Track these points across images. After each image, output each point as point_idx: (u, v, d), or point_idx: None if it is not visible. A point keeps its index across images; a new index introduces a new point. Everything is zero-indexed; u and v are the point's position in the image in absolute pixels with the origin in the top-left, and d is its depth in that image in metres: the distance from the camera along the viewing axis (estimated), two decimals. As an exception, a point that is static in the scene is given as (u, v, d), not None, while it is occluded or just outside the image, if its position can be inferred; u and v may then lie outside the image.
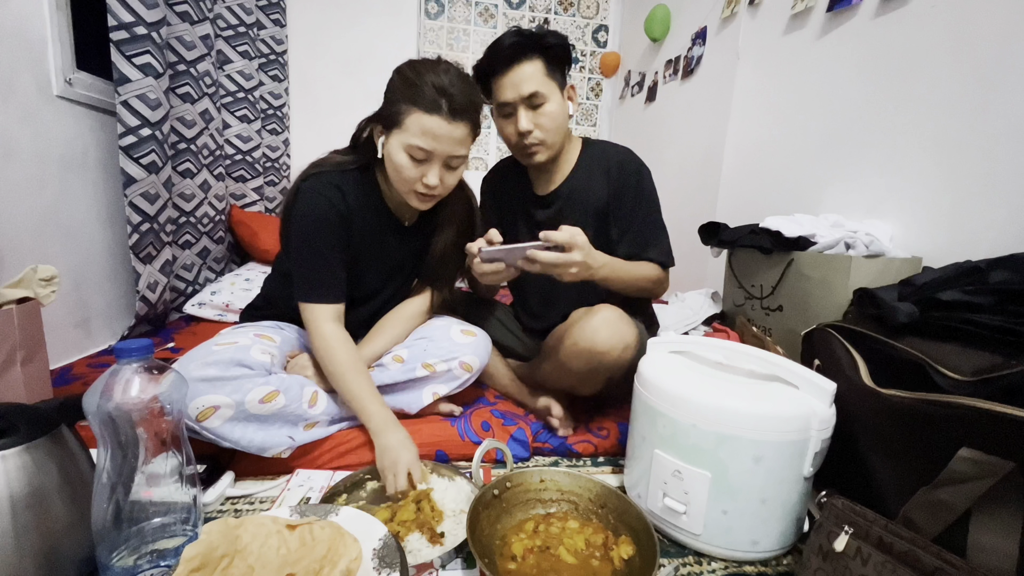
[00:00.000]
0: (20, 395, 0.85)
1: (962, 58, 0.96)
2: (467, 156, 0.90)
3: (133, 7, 1.30)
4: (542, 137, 1.01)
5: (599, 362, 0.92)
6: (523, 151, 1.04)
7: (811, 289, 1.03)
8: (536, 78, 0.98)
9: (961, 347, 0.65)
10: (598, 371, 0.94)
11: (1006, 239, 0.86)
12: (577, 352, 0.93)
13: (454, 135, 0.84)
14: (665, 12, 2.18)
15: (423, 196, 0.89)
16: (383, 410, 0.86)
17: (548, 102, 1.00)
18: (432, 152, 0.84)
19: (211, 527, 0.53)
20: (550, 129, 1.01)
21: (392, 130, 0.85)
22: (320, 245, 0.90)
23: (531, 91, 0.97)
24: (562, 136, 1.05)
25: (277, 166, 2.32)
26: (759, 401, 0.68)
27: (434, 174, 0.86)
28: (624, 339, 0.91)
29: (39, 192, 1.21)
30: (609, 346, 0.90)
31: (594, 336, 0.91)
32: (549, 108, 1.00)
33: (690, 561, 0.71)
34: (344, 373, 0.88)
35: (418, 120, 0.82)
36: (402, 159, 0.85)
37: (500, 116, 1.04)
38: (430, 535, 0.69)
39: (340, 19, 2.45)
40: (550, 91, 1.00)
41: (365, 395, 0.87)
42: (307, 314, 0.91)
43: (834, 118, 1.26)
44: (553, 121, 1.01)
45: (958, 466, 0.55)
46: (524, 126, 1.00)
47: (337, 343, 0.89)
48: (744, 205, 1.63)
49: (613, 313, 0.93)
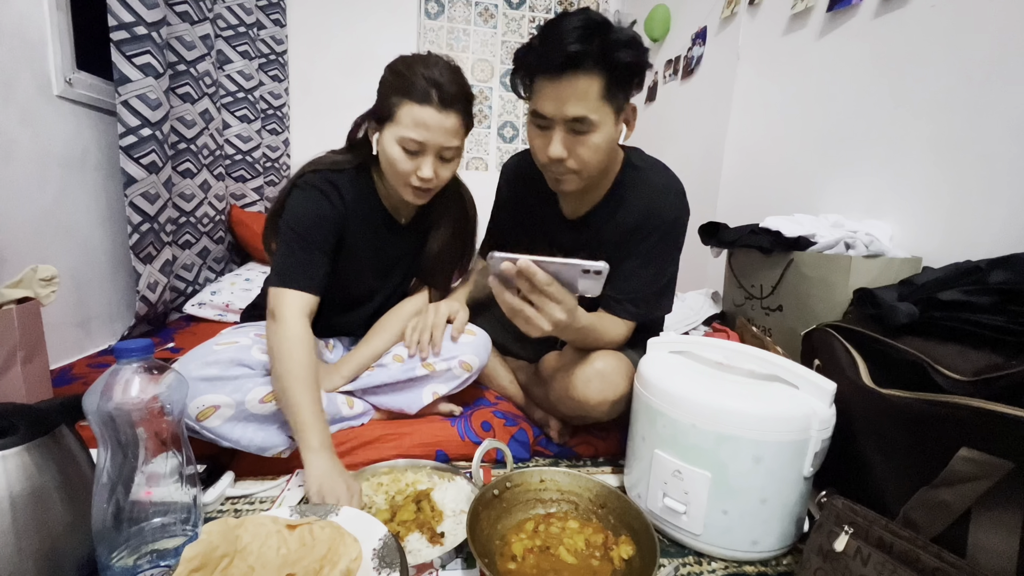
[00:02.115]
0: (20, 395, 0.85)
1: (962, 58, 0.96)
2: (460, 149, 0.89)
3: (133, 7, 1.30)
4: (576, 168, 0.83)
5: (588, 412, 0.90)
6: (550, 174, 0.88)
7: (811, 289, 1.03)
8: (588, 101, 0.77)
9: (961, 347, 0.65)
10: (587, 418, 0.93)
11: (1006, 239, 0.86)
12: (566, 399, 0.91)
13: (445, 125, 0.84)
14: (665, 12, 2.18)
15: (418, 190, 0.89)
16: (326, 431, 0.78)
17: (595, 132, 0.79)
18: (425, 144, 0.84)
19: (211, 527, 0.53)
20: (588, 161, 0.82)
21: (385, 124, 0.86)
22: (309, 235, 0.88)
23: (577, 115, 0.77)
24: (600, 170, 0.87)
25: (277, 166, 2.32)
26: (759, 401, 0.68)
27: (428, 166, 0.85)
28: (617, 391, 0.87)
29: (39, 192, 1.21)
30: (600, 399, 0.87)
31: (586, 388, 0.87)
32: (595, 139, 0.80)
33: (690, 561, 0.71)
34: (298, 378, 0.78)
35: (410, 111, 0.82)
36: (396, 152, 0.85)
37: (532, 124, 0.84)
38: (430, 535, 0.69)
39: (340, 19, 2.45)
40: (602, 118, 0.79)
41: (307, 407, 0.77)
42: (276, 300, 0.84)
43: (834, 118, 1.26)
44: (595, 154, 0.82)
45: (958, 466, 0.55)
46: (556, 152, 0.81)
47: (301, 343, 0.81)
48: (744, 205, 1.63)
49: (609, 364, 0.88)
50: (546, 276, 0.67)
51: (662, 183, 0.93)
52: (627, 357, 0.93)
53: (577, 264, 0.66)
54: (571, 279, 0.68)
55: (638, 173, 0.94)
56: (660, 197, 0.92)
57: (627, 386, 0.88)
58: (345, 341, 1.10)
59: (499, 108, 2.76)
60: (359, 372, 0.98)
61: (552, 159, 0.82)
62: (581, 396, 0.88)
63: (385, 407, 1.00)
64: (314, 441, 0.75)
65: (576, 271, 0.67)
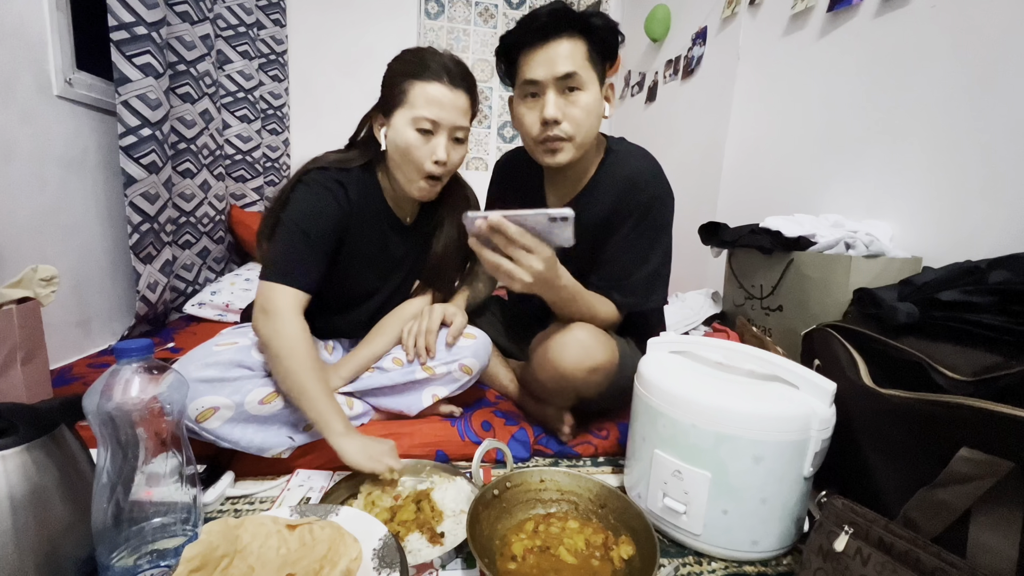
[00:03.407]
0: (20, 395, 0.85)
1: (962, 58, 0.96)
2: (469, 130, 0.92)
3: (133, 7, 1.30)
4: (571, 132, 0.85)
5: (564, 380, 0.89)
6: (544, 145, 0.88)
7: (811, 289, 1.03)
8: (575, 58, 0.83)
9: (961, 347, 0.65)
10: (564, 389, 0.92)
11: (1006, 239, 0.86)
12: (543, 366, 0.91)
13: (457, 103, 0.86)
14: (665, 12, 2.18)
15: (429, 179, 0.90)
16: (343, 413, 0.81)
17: (585, 91, 0.84)
18: (439, 122, 0.86)
19: (211, 527, 0.53)
20: (582, 123, 0.85)
21: (396, 110, 0.87)
22: (312, 232, 0.87)
23: (567, 70, 0.82)
24: (592, 138, 0.90)
25: (277, 166, 2.32)
26: (759, 401, 0.68)
27: (442, 147, 0.87)
28: (593, 361, 0.87)
29: (39, 192, 1.21)
30: (573, 366, 0.87)
31: (561, 354, 0.87)
32: (585, 99, 0.84)
33: (690, 561, 0.71)
34: (308, 369, 0.80)
35: (422, 90, 0.84)
36: (410, 136, 0.86)
37: (522, 100, 0.88)
38: (430, 535, 0.69)
39: (340, 19, 2.45)
40: (589, 79, 0.84)
41: (324, 397, 0.80)
42: (269, 295, 0.83)
43: (834, 118, 1.26)
44: (587, 115, 0.85)
45: (958, 466, 0.55)
46: (551, 112, 0.84)
47: (302, 337, 0.82)
48: (744, 205, 1.63)
49: (587, 334, 0.88)
50: (517, 228, 0.71)
51: (636, 166, 0.94)
52: (612, 336, 0.93)
53: (543, 212, 0.70)
54: (543, 231, 0.73)
55: (616, 158, 0.96)
56: (633, 180, 0.92)
57: (605, 357, 0.88)
58: (345, 343, 1.10)
59: (499, 108, 2.76)
60: (358, 373, 0.98)
61: (548, 120, 0.85)
62: (557, 361, 0.88)
63: (385, 408, 1.00)
64: (339, 426, 0.78)
65: (544, 219, 0.71)
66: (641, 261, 0.94)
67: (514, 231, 0.71)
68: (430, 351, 0.97)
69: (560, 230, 0.72)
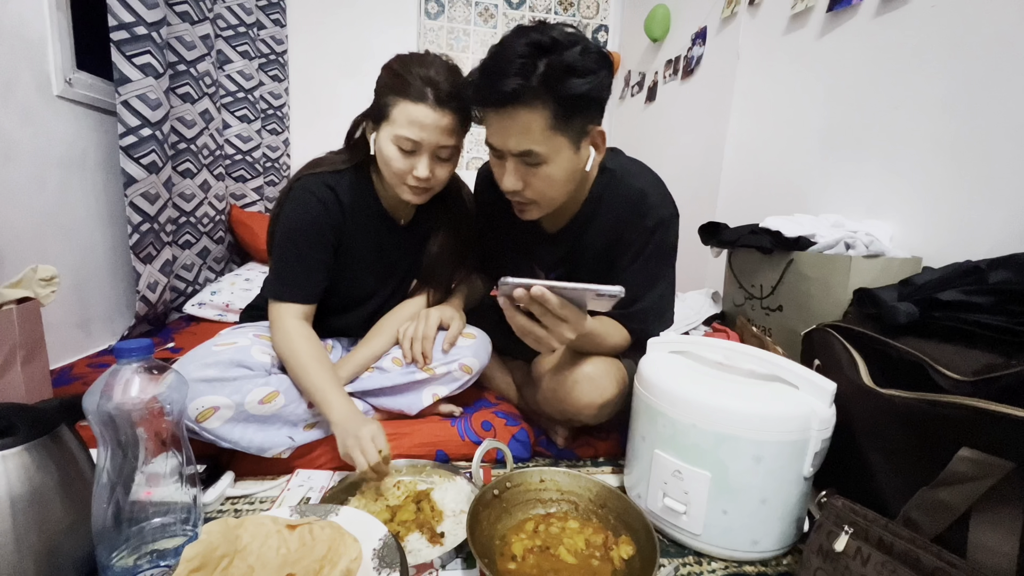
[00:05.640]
0: (20, 395, 0.85)
1: (962, 58, 0.95)
2: (458, 148, 0.88)
3: (133, 7, 1.30)
4: (533, 199, 0.81)
5: (575, 415, 0.89)
6: (512, 203, 0.86)
7: (811, 289, 1.03)
8: (532, 134, 0.73)
9: (961, 347, 0.65)
10: (572, 421, 0.92)
11: (1006, 239, 0.86)
12: (553, 401, 0.90)
13: (441, 124, 0.82)
14: (665, 12, 2.18)
15: (415, 189, 0.88)
16: (348, 402, 0.84)
17: (547, 164, 0.76)
18: (420, 143, 0.83)
19: (211, 527, 0.53)
20: (544, 192, 0.80)
21: (381, 123, 0.85)
22: (303, 245, 0.90)
23: (522, 149, 0.75)
24: (565, 196, 0.84)
25: (277, 166, 2.32)
26: (759, 401, 0.68)
27: (424, 166, 0.84)
28: (604, 396, 0.85)
29: (39, 192, 1.21)
30: (587, 403, 0.86)
31: (573, 391, 0.86)
32: (548, 171, 0.77)
33: (690, 561, 0.71)
34: (307, 364, 0.84)
35: (404, 110, 0.81)
36: (391, 151, 0.84)
37: (489, 151, 0.83)
38: (430, 535, 0.69)
39: (340, 19, 2.45)
40: (552, 150, 0.75)
41: (328, 386, 0.83)
42: (275, 313, 0.89)
43: (834, 118, 1.26)
44: (551, 186, 0.79)
45: (958, 466, 0.55)
46: (509, 185, 0.79)
47: (299, 336, 0.87)
48: (744, 205, 1.63)
49: (597, 368, 0.86)
50: (559, 300, 0.66)
51: (638, 187, 0.88)
52: (620, 362, 0.92)
53: (591, 288, 0.65)
54: (583, 300, 0.68)
55: (612, 178, 0.90)
56: (636, 203, 0.88)
57: (616, 391, 0.87)
58: (344, 342, 1.10)
59: (499, 108, 2.76)
60: (358, 373, 0.98)
61: (507, 191, 0.82)
62: (568, 399, 0.87)
63: (385, 408, 1.00)
64: (334, 415, 0.81)
65: (591, 294, 0.66)
66: (649, 286, 0.91)
67: (555, 304, 0.66)
68: (427, 358, 0.97)
69: (603, 303, 0.68)
